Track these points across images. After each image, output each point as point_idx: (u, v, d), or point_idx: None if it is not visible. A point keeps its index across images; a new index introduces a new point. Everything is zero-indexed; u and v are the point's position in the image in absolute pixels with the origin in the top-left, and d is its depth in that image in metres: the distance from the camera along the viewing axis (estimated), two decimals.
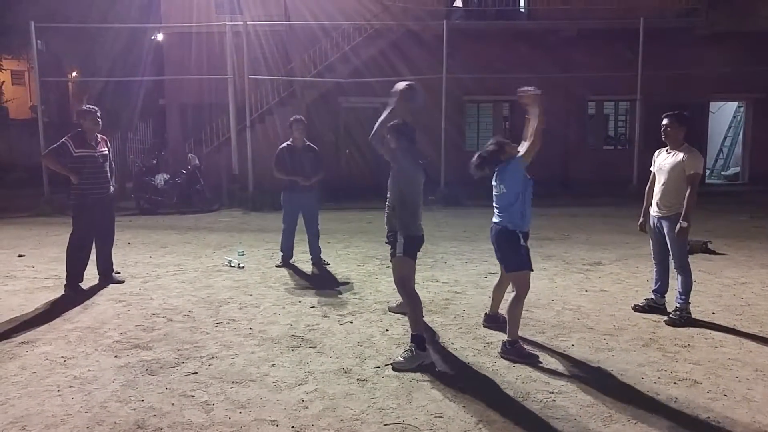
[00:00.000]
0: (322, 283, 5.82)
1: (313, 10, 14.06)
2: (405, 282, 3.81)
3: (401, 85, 3.90)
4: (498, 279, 4.37)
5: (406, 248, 3.76)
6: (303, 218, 6.49)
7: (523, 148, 3.89)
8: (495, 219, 3.94)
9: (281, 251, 6.61)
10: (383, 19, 13.92)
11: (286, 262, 6.54)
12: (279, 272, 6.21)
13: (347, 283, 5.77)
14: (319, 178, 6.48)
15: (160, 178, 12.04)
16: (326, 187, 6.62)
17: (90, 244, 5.58)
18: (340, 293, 5.37)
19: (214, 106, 14.15)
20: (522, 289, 3.83)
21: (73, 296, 5.23)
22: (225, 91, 12.98)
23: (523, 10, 15.45)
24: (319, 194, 6.55)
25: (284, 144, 6.45)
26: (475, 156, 4.00)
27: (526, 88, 3.91)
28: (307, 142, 6.48)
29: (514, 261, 3.85)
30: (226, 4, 12.54)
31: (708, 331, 4.28)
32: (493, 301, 4.41)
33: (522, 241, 3.81)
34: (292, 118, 6.49)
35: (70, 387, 3.33)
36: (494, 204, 3.97)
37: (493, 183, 3.98)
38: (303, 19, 13.95)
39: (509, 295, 3.95)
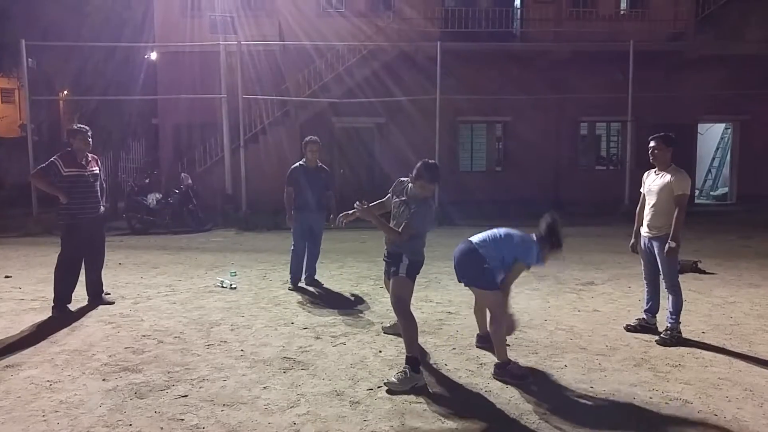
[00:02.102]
0: (315, 303, 5.79)
1: (307, 31, 14.23)
2: (402, 302, 3.81)
3: None
4: (475, 300, 4.35)
5: (409, 270, 3.79)
6: (308, 238, 6.47)
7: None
8: (473, 239, 3.95)
9: (290, 272, 6.48)
10: (377, 41, 14.11)
11: (296, 285, 6.44)
12: (271, 293, 6.18)
13: (341, 303, 5.75)
14: (331, 200, 6.51)
15: (153, 198, 12.00)
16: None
17: (79, 264, 5.52)
18: (334, 314, 5.34)
19: (208, 125, 14.20)
20: (497, 309, 3.83)
21: (61, 318, 5.15)
22: (218, 111, 13.05)
23: (515, 32, 15.71)
24: (327, 215, 6.54)
25: (297, 164, 6.46)
26: (556, 228, 3.96)
27: None
28: (320, 163, 6.50)
29: (476, 277, 3.86)
30: (219, 24, 12.64)
31: (698, 350, 4.30)
32: (478, 322, 4.40)
33: (487, 264, 3.82)
34: (306, 139, 6.50)
35: (56, 412, 3.27)
36: (488, 233, 3.98)
37: (503, 231, 3.99)
38: (297, 39, 14.10)
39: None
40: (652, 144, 4.57)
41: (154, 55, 15.64)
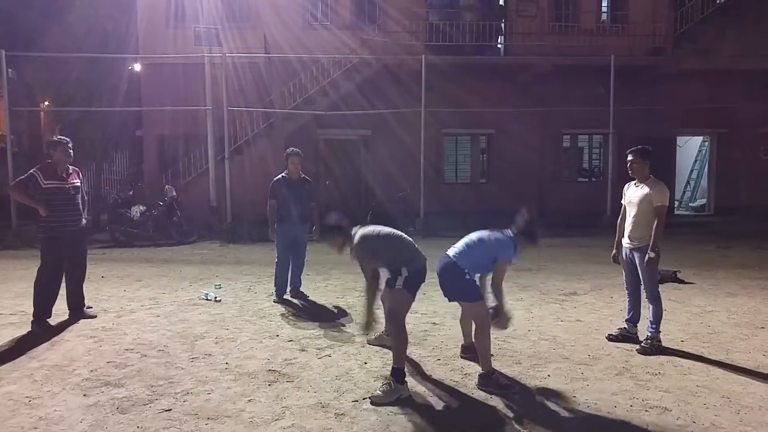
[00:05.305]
0: (300, 316, 5.78)
1: (292, 44, 14.29)
2: (397, 314, 3.82)
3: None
4: (461, 312, 4.39)
5: (407, 282, 3.80)
6: (291, 250, 6.45)
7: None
8: (450, 252, 3.98)
9: (275, 285, 6.46)
10: (362, 54, 14.22)
11: (281, 297, 6.41)
12: (256, 305, 6.15)
13: (326, 315, 5.75)
14: (315, 211, 6.51)
15: (136, 210, 11.90)
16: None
17: (59, 278, 5.45)
18: (319, 326, 5.34)
19: (192, 137, 14.15)
20: (481, 320, 3.86)
21: (41, 333, 5.07)
22: (203, 123, 13.02)
23: (500, 46, 15.95)
24: (310, 227, 6.54)
25: (279, 176, 6.45)
26: (533, 225, 4.03)
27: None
28: (303, 175, 6.51)
29: (460, 290, 3.89)
30: (204, 36, 12.63)
31: (677, 359, 4.38)
32: (463, 332, 4.43)
33: (468, 275, 3.85)
34: (288, 151, 6.50)
35: (35, 428, 3.22)
36: (463, 242, 4.01)
37: (476, 237, 4.01)
38: (282, 52, 14.16)
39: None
40: (629, 158, 4.68)
41: (138, 67, 15.58)
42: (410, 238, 4.04)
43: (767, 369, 4.14)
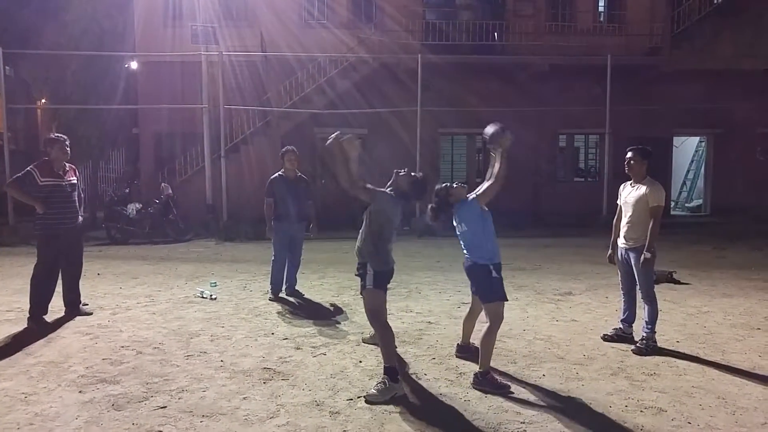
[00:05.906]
0: (296, 314, 5.78)
1: (289, 42, 14.28)
2: (376, 314, 3.83)
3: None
4: (468, 309, 4.41)
5: (376, 281, 3.81)
6: (288, 248, 6.45)
7: (482, 188, 3.97)
8: (465, 255, 4.04)
9: (271, 283, 6.46)
10: (358, 53, 14.22)
11: (277, 296, 6.40)
12: (252, 303, 6.15)
13: (321, 314, 5.75)
14: (311, 209, 6.51)
15: (132, 208, 11.90)
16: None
17: (56, 275, 5.44)
18: (314, 325, 5.34)
19: (188, 135, 14.13)
20: (495, 320, 3.88)
21: (37, 329, 5.06)
22: (199, 121, 13.00)
23: (496, 45, 15.95)
24: (307, 225, 6.54)
25: (276, 174, 6.44)
26: (428, 210, 4.12)
27: (496, 131, 4.04)
28: (299, 173, 6.51)
29: (487, 292, 3.92)
30: (201, 34, 12.63)
31: (673, 359, 4.38)
32: (463, 331, 4.44)
33: (494, 272, 3.88)
34: (284, 149, 6.51)
35: (31, 425, 3.22)
36: (460, 241, 4.06)
37: (454, 223, 4.07)
38: (279, 50, 14.15)
39: (481, 325, 4.00)
40: (629, 155, 4.69)
41: (134, 64, 15.55)
42: (391, 244, 3.97)
43: (763, 370, 4.15)
